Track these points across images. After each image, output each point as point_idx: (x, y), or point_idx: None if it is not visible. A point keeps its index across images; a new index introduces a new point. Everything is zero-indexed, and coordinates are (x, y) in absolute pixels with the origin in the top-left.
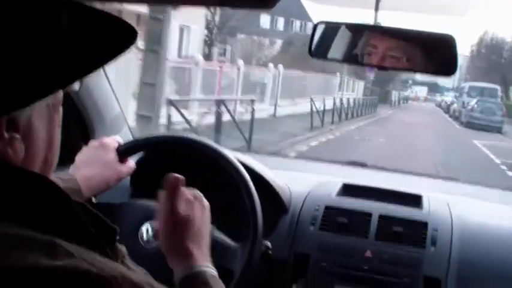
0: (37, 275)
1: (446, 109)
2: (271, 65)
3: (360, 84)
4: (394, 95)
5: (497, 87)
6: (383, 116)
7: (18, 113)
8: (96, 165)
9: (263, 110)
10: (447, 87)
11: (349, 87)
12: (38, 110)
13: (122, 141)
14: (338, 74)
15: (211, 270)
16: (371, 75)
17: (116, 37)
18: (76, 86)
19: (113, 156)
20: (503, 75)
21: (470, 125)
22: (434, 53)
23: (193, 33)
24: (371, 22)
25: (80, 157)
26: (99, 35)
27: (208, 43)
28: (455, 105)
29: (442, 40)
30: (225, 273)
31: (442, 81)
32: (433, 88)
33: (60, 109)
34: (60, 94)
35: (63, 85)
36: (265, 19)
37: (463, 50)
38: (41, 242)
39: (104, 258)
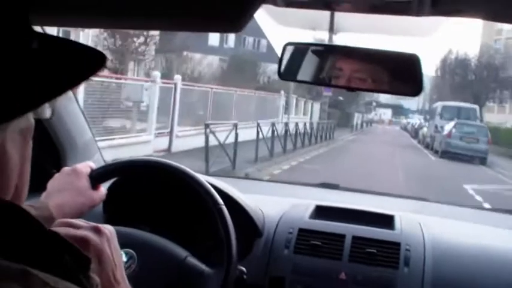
0: None
1: (414, 133)
2: (156, 73)
3: (316, 107)
4: (357, 117)
5: (476, 106)
6: (339, 144)
7: None
8: (68, 192)
9: (144, 142)
10: (412, 109)
11: (299, 110)
12: (10, 136)
13: (94, 167)
14: (283, 92)
15: None
16: (327, 94)
17: (83, 62)
18: (48, 113)
19: (85, 182)
20: (474, 95)
21: (447, 154)
22: (400, 74)
23: (83, 36)
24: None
25: (52, 184)
26: (67, 60)
27: (112, 52)
28: (425, 130)
29: (407, 60)
30: None
31: (406, 103)
32: (398, 111)
33: (31, 140)
34: (31, 122)
35: (31, 107)
36: (214, 36)
37: (428, 71)
38: (15, 271)
39: None
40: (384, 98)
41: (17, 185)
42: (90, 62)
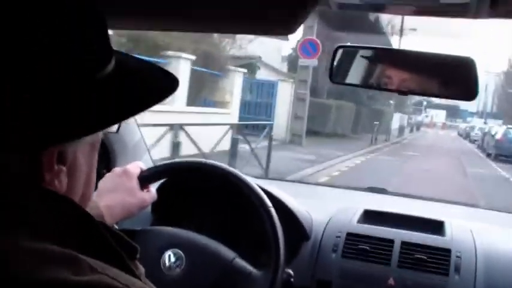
0: None
1: (497, 150)
2: None
3: (285, 90)
4: (401, 119)
5: None
6: None
7: (67, 147)
8: (119, 193)
9: None
10: (470, 111)
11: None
12: (82, 146)
13: (144, 168)
14: None
15: None
16: (306, 62)
17: (158, 85)
18: (115, 128)
19: (135, 183)
20: None
21: None
22: (453, 77)
23: None
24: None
25: (103, 184)
26: (141, 81)
27: None
28: None
29: (461, 63)
30: None
31: (464, 104)
32: (453, 112)
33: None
34: (100, 133)
35: (106, 126)
36: None
37: (492, 68)
38: (64, 256)
39: (126, 274)
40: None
41: (84, 193)
42: (162, 86)
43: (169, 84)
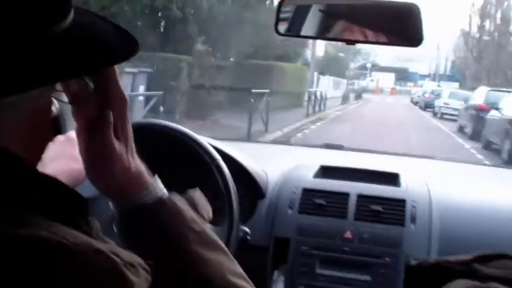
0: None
1: (471, 135)
2: None
3: None
4: (334, 85)
5: None
6: None
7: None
8: (63, 161)
9: None
10: (421, 74)
11: None
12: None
13: None
14: None
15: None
16: None
17: (115, 47)
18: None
19: None
20: None
21: None
22: (400, 25)
23: None
24: None
25: (46, 154)
26: (100, 40)
27: None
28: None
29: (405, 9)
30: None
31: (413, 66)
32: (403, 75)
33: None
34: (52, 99)
35: (50, 82)
36: None
37: (450, 25)
38: (7, 213)
39: (75, 231)
40: (383, 60)
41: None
42: (120, 48)
43: (127, 47)
